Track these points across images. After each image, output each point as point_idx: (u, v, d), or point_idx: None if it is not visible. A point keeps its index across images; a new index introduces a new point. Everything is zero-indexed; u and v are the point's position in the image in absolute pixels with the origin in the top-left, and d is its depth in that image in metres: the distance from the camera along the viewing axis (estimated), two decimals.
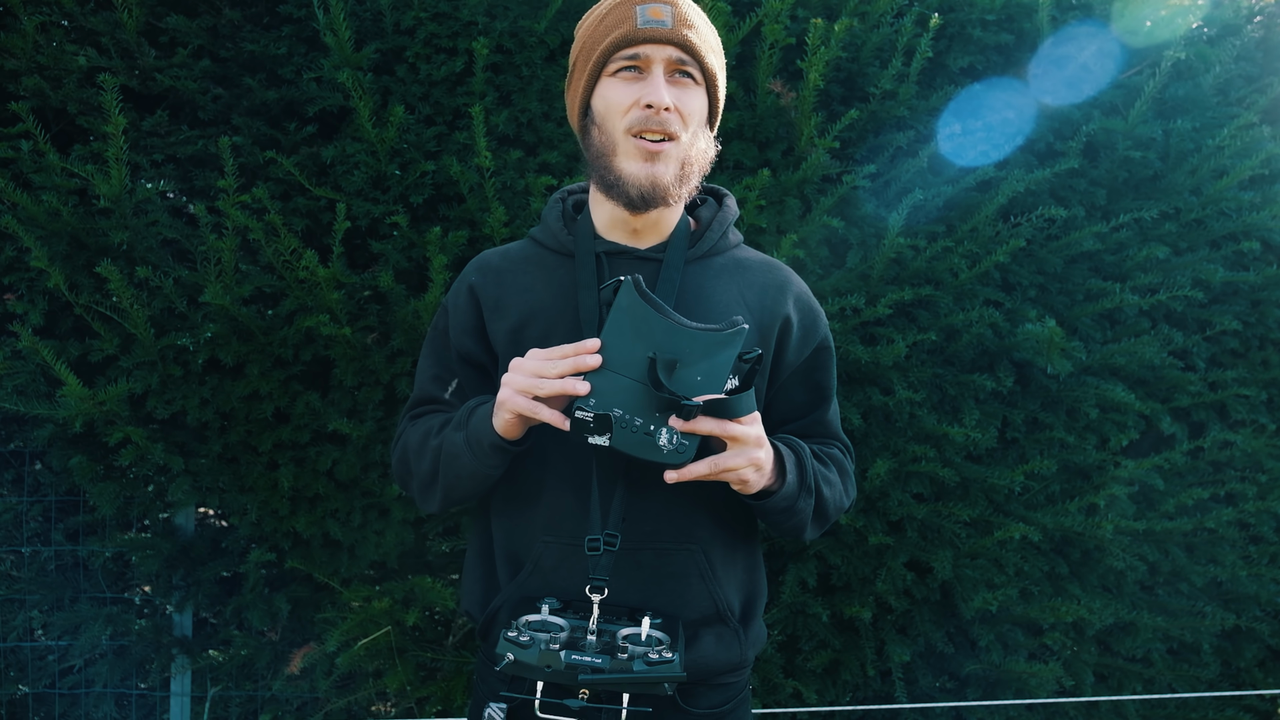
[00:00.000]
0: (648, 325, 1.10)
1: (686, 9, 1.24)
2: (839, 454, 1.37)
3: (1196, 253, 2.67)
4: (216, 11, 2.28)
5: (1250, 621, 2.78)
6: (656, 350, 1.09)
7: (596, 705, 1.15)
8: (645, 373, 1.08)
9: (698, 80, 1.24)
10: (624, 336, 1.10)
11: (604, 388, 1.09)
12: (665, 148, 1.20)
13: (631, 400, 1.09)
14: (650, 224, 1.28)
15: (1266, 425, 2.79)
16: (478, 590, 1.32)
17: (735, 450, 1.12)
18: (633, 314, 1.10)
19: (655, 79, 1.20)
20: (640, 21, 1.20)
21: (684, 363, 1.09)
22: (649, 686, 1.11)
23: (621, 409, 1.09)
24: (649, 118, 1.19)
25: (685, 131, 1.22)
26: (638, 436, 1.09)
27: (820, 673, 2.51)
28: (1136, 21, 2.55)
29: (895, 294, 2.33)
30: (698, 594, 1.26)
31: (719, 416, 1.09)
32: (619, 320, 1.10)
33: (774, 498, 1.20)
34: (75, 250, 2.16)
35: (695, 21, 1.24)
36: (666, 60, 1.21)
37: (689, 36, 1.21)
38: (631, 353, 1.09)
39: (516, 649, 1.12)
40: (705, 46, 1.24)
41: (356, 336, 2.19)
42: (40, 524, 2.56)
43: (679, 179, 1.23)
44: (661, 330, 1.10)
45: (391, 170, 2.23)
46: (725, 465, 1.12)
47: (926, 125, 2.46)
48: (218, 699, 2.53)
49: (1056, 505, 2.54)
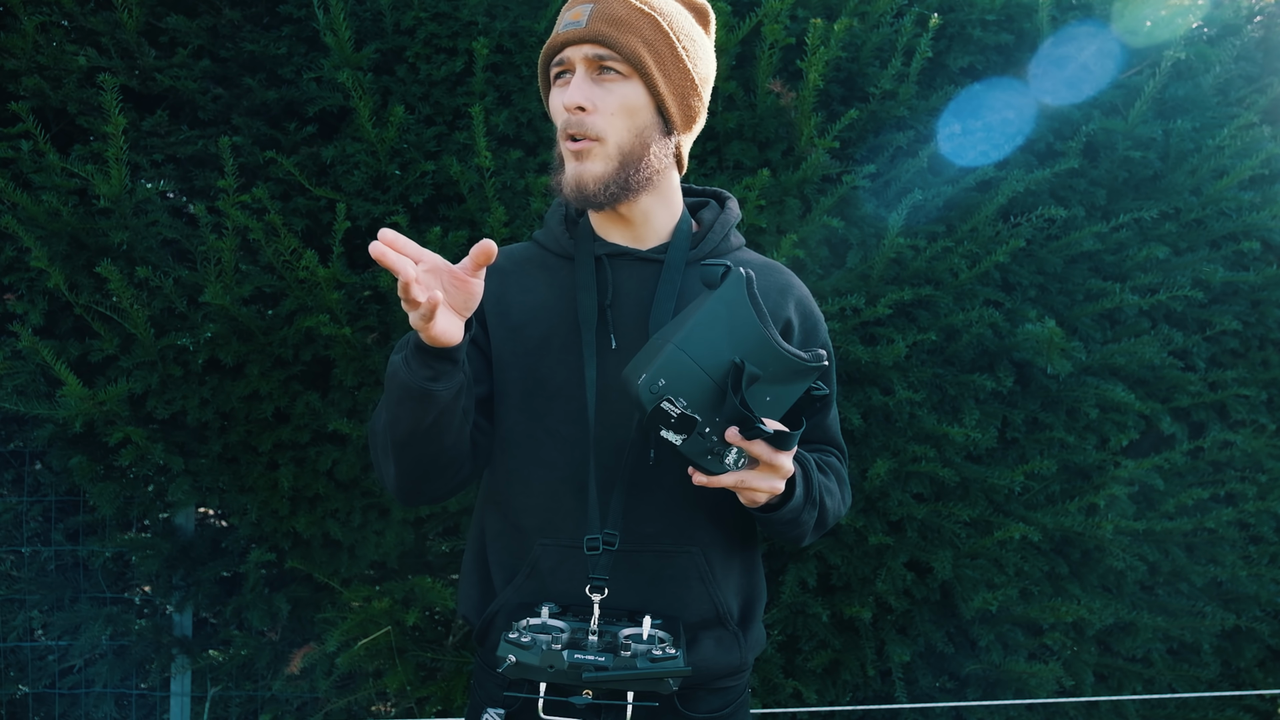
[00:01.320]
0: (744, 328, 1.05)
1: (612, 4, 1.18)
2: (836, 462, 1.37)
3: (1196, 253, 2.67)
4: (216, 11, 2.28)
5: (1250, 621, 2.78)
6: (745, 357, 1.05)
7: (600, 704, 1.15)
8: (725, 374, 1.05)
9: (624, 72, 1.18)
10: (714, 329, 1.05)
11: (678, 371, 1.04)
12: (587, 146, 1.18)
13: (697, 394, 1.05)
14: (647, 225, 1.28)
15: (1266, 425, 2.79)
16: (474, 595, 1.31)
17: (764, 474, 1.11)
18: (733, 310, 1.05)
19: (574, 80, 1.18)
20: (560, 26, 1.19)
21: (764, 379, 1.06)
22: (653, 683, 1.11)
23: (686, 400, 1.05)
24: (569, 119, 1.18)
25: (612, 129, 1.18)
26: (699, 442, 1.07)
27: (820, 673, 2.51)
28: (1136, 21, 2.55)
29: (895, 294, 2.33)
30: (697, 597, 1.25)
31: (776, 447, 1.07)
32: (716, 310, 1.05)
33: (781, 511, 1.20)
34: (75, 250, 2.16)
35: (619, 12, 1.18)
36: (585, 59, 1.18)
37: (601, 30, 1.17)
38: (715, 347, 1.04)
39: (518, 650, 1.11)
40: (629, 35, 1.18)
41: (356, 336, 2.19)
42: (40, 524, 2.56)
43: (614, 179, 1.19)
44: (755, 339, 1.05)
45: (391, 170, 2.23)
46: (750, 484, 1.12)
47: (926, 125, 2.46)
48: (218, 699, 2.53)
49: (1056, 505, 2.54)
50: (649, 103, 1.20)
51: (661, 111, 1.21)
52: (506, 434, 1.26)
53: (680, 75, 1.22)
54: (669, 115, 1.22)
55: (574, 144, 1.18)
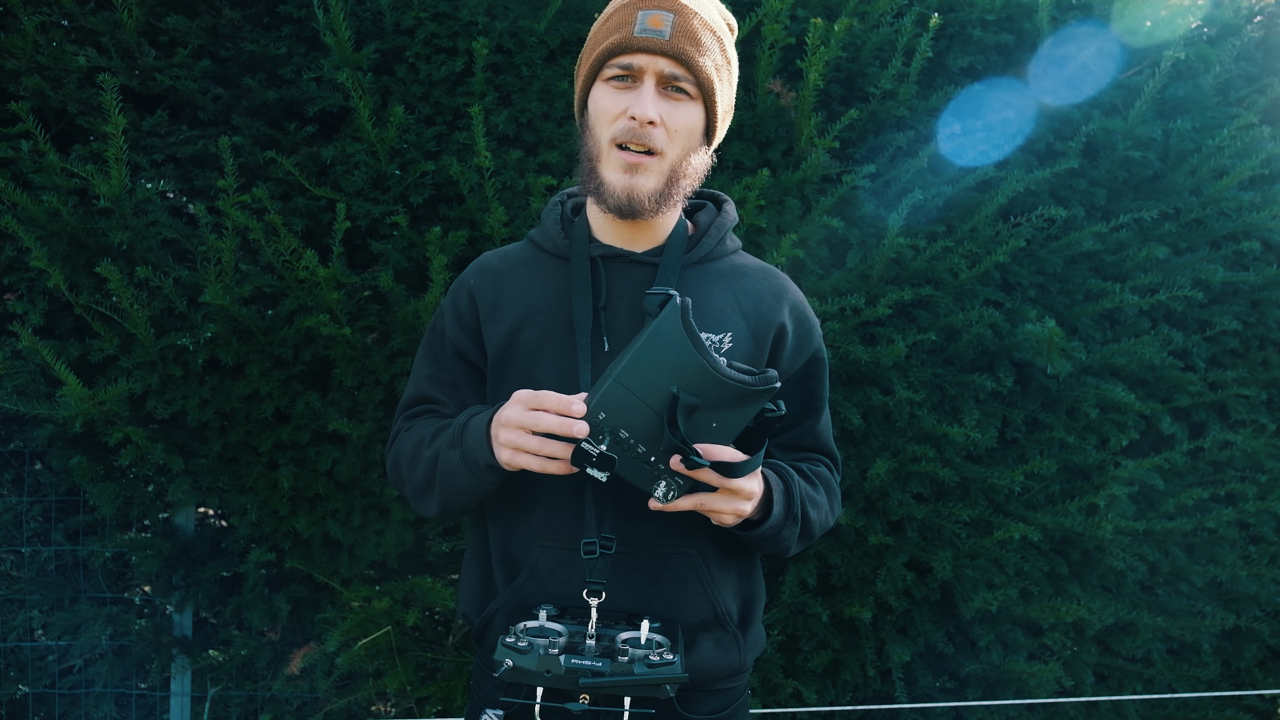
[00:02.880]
0: (681, 357, 1.05)
1: (691, 19, 1.19)
2: (826, 471, 1.36)
3: (1196, 253, 2.67)
4: (216, 11, 2.28)
5: (1250, 621, 2.78)
6: (682, 386, 1.04)
7: (597, 709, 1.15)
8: (664, 405, 1.05)
9: (692, 95, 1.19)
10: (654, 359, 1.05)
11: (618, 405, 1.05)
12: (645, 161, 1.18)
13: (641, 425, 1.06)
14: (646, 228, 1.27)
15: (1266, 425, 2.79)
16: (474, 594, 1.32)
17: (724, 498, 1.12)
18: (670, 339, 1.05)
19: (644, 91, 1.17)
20: (637, 29, 1.17)
21: (706, 405, 1.06)
22: (650, 689, 1.11)
23: (628, 432, 1.06)
24: (632, 130, 1.17)
25: (672, 146, 1.19)
26: (637, 464, 1.07)
27: (820, 673, 2.51)
28: (1136, 21, 2.55)
29: (895, 294, 2.33)
30: (695, 598, 1.25)
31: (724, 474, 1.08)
32: (654, 341, 1.05)
33: (759, 528, 1.20)
34: (75, 250, 2.16)
35: (698, 32, 1.18)
36: (659, 73, 1.17)
37: (685, 50, 1.17)
38: (656, 378, 1.05)
39: (515, 655, 1.11)
40: (705, 59, 1.19)
41: (356, 336, 2.19)
42: (40, 524, 2.55)
43: (662, 193, 1.20)
44: (693, 369, 1.05)
45: (391, 170, 2.23)
46: (711, 507, 1.13)
47: (926, 125, 2.46)
48: (218, 699, 2.53)
49: (1056, 505, 2.54)
50: (704, 123, 1.23)
51: (709, 130, 1.24)
52: None
53: (729, 96, 1.25)
54: (714, 133, 1.25)
55: (631, 155, 1.18)
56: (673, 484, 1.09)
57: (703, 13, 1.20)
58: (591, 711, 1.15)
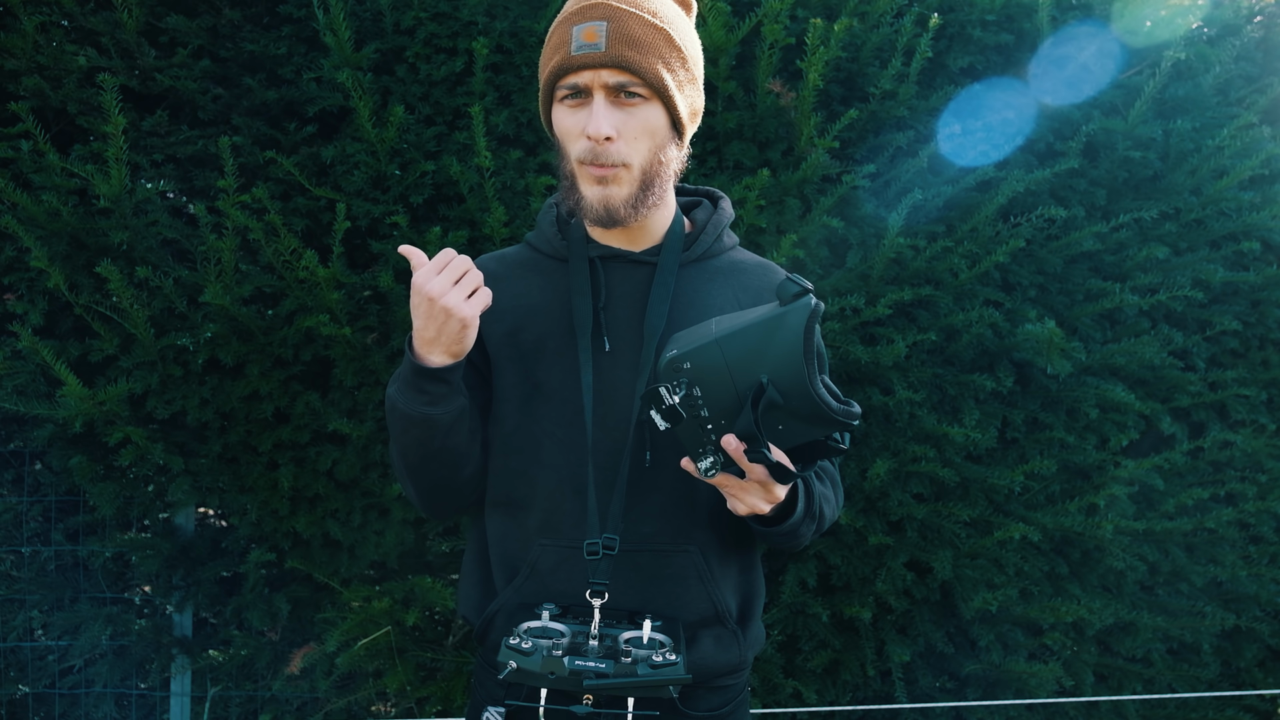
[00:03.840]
0: (787, 355, 1.03)
1: (627, 20, 1.14)
2: (829, 466, 1.37)
3: (1196, 253, 2.67)
4: (216, 11, 2.28)
5: (1250, 621, 2.78)
6: (773, 380, 1.03)
7: (600, 710, 1.15)
8: (750, 388, 1.04)
9: (646, 96, 1.16)
10: (762, 341, 1.03)
11: (706, 364, 1.04)
12: (614, 172, 1.17)
13: (717, 394, 1.05)
14: (641, 228, 1.27)
15: (1266, 425, 2.79)
16: (474, 594, 1.32)
17: (753, 491, 1.12)
18: (787, 334, 1.03)
19: (595, 107, 1.15)
20: (574, 47, 1.14)
21: (784, 408, 1.05)
22: (654, 689, 1.11)
23: (702, 393, 1.05)
24: (592, 148, 1.15)
25: (635, 153, 1.17)
26: (694, 428, 1.06)
27: (820, 673, 2.51)
28: (1136, 21, 2.55)
29: (895, 294, 2.33)
30: (696, 596, 1.25)
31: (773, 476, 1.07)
32: (770, 326, 1.04)
33: (782, 525, 1.20)
34: (75, 250, 2.16)
35: (637, 33, 1.14)
36: (604, 85, 1.15)
37: (624, 56, 1.13)
38: (754, 359, 1.03)
39: (519, 656, 1.10)
40: (649, 58, 1.15)
41: (356, 336, 2.19)
42: (40, 524, 2.56)
43: (637, 197, 1.19)
44: (792, 371, 1.03)
45: (391, 170, 2.23)
46: (736, 494, 1.12)
47: (926, 125, 2.46)
48: (218, 699, 2.53)
49: (1056, 505, 2.54)
50: (666, 119, 1.20)
51: (675, 124, 1.21)
52: (507, 435, 1.26)
53: (690, 83, 1.22)
54: (682, 126, 1.22)
55: (599, 169, 1.17)
56: (718, 460, 1.08)
57: (641, 9, 1.16)
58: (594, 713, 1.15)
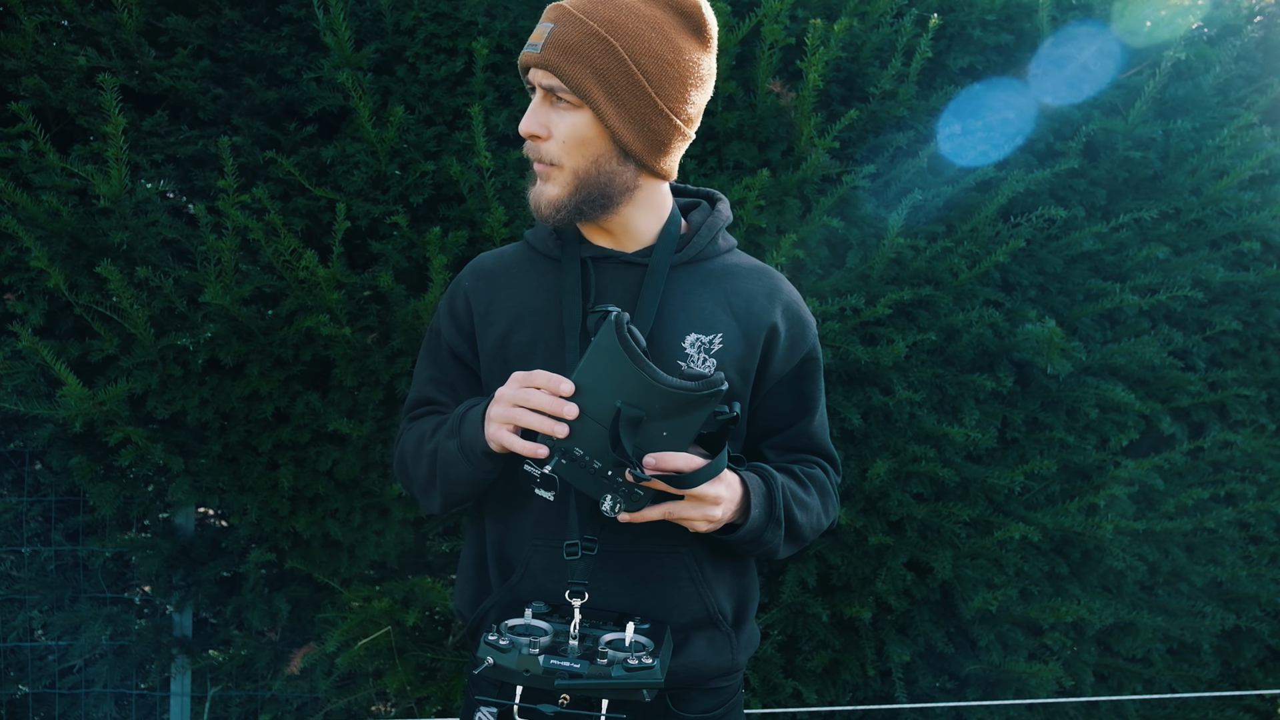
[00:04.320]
0: (621, 371, 1.05)
1: (571, 26, 1.14)
2: (820, 473, 1.34)
3: (1196, 253, 2.67)
4: (216, 11, 2.28)
5: (1250, 621, 2.78)
6: (625, 400, 1.05)
7: (571, 711, 1.14)
8: (611, 421, 1.06)
9: (574, 102, 1.16)
10: (598, 376, 1.06)
11: (572, 425, 1.08)
12: (547, 170, 1.20)
13: (594, 441, 1.07)
14: (631, 229, 1.27)
15: (1266, 425, 2.79)
16: (470, 590, 1.32)
17: (691, 505, 1.12)
18: (609, 355, 1.05)
19: (531, 106, 1.20)
20: (529, 44, 1.19)
21: (652, 416, 1.06)
22: (627, 693, 1.10)
23: (583, 450, 1.08)
24: (528, 144, 1.21)
25: (566, 156, 1.18)
26: (595, 479, 1.09)
27: (820, 673, 2.51)
28: (1136, 21, 2.55)
29: (895, 294, 2.33)
30: (688, 597, 1.25)
31: (676, 484, 1.08)
32: (595, 359, 1.06)
33: (738, 532, 1.19)
34: (75, 250, 2.16)
35: (575, 40, 1.13)
36: (540, 85, 1.18)
37: (552, 61, 1.14)
38: (603, 395, 1.06)
39: (496, 653, 1.11)
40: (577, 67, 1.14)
41: (356, 336, 2.19)
42: (40, 524, 2.55)
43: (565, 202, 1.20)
44: (634, 381, 1.05)
45: (391, 170, 2.23)
46: (678, 515, 1.13)
47: (926, 125, 2.46)
48: (218, 699, 2.53)
49: (1056, 505, 2.54)
50: (601, 132, 1.18)
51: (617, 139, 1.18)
52: None
53: (638, 101, 1.16)
54: (624, 144, 1.18)
55: (536, 166, 1.21)
56: (620, 497, 1.10)
57: (591, 17, 1.14)
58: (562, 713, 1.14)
